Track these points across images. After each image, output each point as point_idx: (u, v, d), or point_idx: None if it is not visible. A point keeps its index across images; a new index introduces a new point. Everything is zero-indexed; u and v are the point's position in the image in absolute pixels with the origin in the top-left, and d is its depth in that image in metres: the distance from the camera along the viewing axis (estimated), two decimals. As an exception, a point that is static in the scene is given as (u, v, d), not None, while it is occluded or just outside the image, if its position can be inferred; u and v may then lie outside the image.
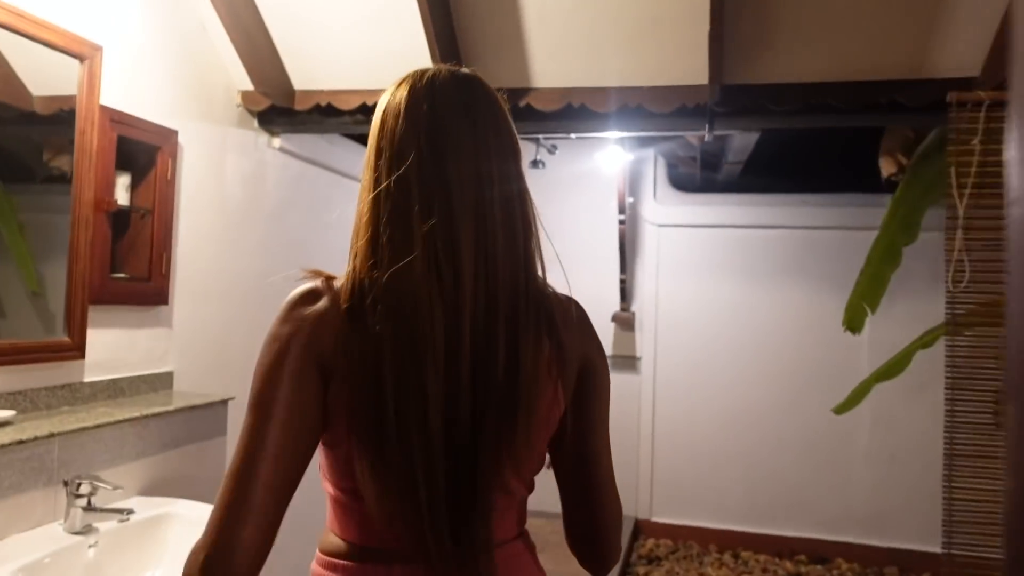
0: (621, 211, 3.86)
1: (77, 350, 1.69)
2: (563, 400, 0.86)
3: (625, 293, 4.03)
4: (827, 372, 3.86)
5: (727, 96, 2.16)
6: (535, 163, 3.77)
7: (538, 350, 0.82)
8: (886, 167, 3.37)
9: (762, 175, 3.92)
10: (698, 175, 3.95)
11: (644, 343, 4.08)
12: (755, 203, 3.95)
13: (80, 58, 1.67)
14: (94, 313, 1.74)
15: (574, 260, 2.84)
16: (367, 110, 2.26)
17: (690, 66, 2.14)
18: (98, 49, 1.70)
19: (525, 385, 0.79)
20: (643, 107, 2.27)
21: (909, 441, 3.75)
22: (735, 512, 3.95)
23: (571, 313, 0.92)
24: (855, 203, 3.82)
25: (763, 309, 3.94)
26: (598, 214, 4.21)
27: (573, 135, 2.94)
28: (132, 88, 1.85)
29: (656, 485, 4.04)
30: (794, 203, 3.90)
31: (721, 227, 3.99)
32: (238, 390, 1.90)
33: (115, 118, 1.77)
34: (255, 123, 2.36)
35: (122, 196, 1.84)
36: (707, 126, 2.27)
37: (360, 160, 0.89)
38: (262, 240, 2.43)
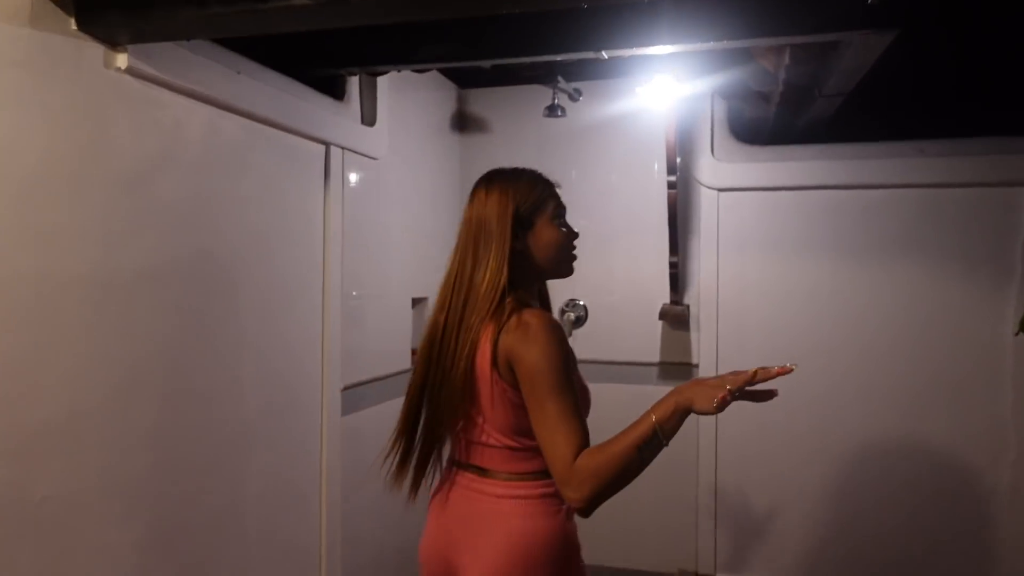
0: (671, 171, 2.86)
1: None
2: (501, 381, 1.31)
3: (677, 281, 3.04)
4: (956, 387, 2.84)
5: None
6: (552, 109, 2.78)
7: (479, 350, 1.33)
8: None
9: (862, 115, 2.88)
10: (771, 118, 2.92)
11: (703, 346, 3.09)
12: (852, 155, 2.91)
13: None
14: None
15: (606, 239, 1.60)
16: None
17: None
18: None
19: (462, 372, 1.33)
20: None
21: (1074, 475, 2.73)
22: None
23: (513, 322, 1.29)
24: (997, 149, 2.77)
25: (864, 300, 2.92)
26: (638, 177, 3.21)
27: (604, 54, 1.97)
28: None
29: (722, 536, 3.08)
30: (907, 153, 2.86)
31: (805, 189, 2.97)
32: None
33: None
34: (72, 24, 1.43)
35: None
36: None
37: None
38: (105, 222, 1.50)
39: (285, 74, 2.11)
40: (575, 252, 1.50)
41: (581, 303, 3.28)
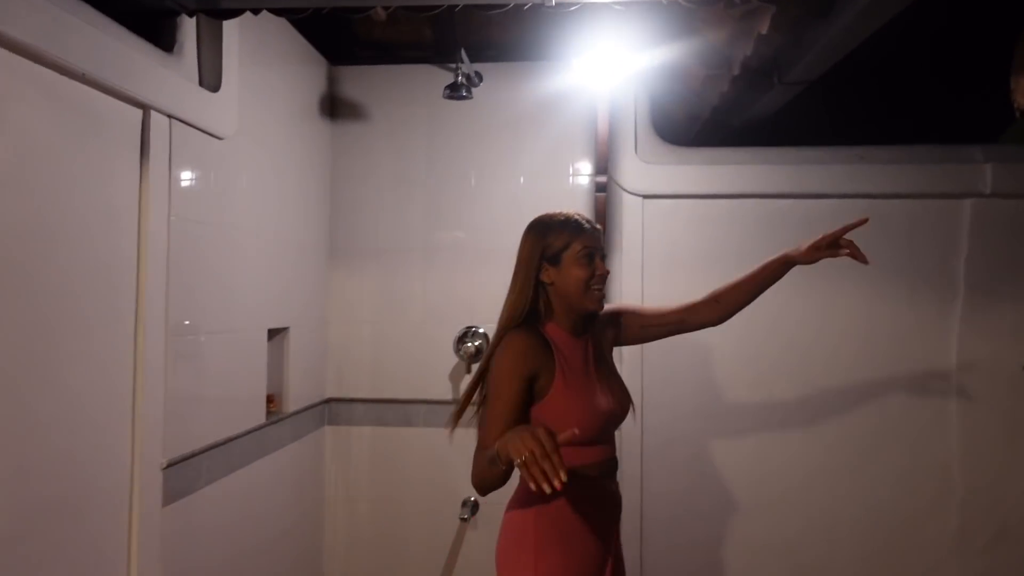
0: (601, 171, 2.37)
1: None
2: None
3: (599, 303, 2.55)
4: (902, 421, 2.56)
5: None
6: (456, 89, 2.22)
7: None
8: (1033, 90, 2.06)
9: (802, 117, 2.56)
10: (701, 116, 2.52)
11: (628, 378, 2.60)
12: (791, 159, 2.57)
13: None
14: None
15: (513, 255, 1.65)
16: None
17: None
18: None
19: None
20: None
21: (1019, 511, 2.52)
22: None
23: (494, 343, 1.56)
24: (939, 157, 2.53)
25: (802, 322, 2.58)
26: (553, 179, 2.70)
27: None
28: None
29: (656, 603, 2.59)
30: (848, 159, 2.56)
31: (742, 197, 2.59)
32: None
33: None
34: None
35: None
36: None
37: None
38: None
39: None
40: (598, 289, 1.59)
41: (481, 331, 2.71)
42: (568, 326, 1.60)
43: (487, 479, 1.41)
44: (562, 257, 1.56)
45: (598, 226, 1.63)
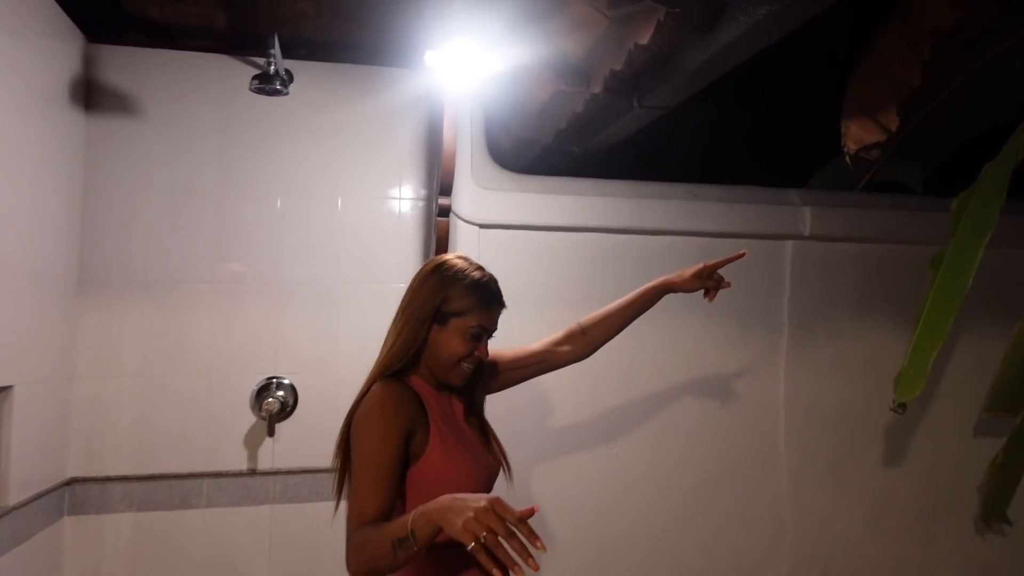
0: (445, 191, 2.04)
1: None
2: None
3: (433, 346, 2.19)
4: (736, 457, 2.51)
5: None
6: (268, 80, 1.80)
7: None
8: (860, 134, 2.13)
9: (639, 148, 2.47)
10: (541, 140, 2.32)
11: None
12: (630, 193, 2.45)
13: None
14: None
15: (327, 291, 1.67)
16: None
17: None
18: None
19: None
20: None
21: (841, 550, 2.56)
22: None
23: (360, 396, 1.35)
24: (765, 199, 2.57)
25: (648, 367, 2.45)
26: (376, 201, 2.32)
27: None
28: None
29: None
30: (682, 195, 2.50)
31: (584, 231, 2.41)
32: None
33: None
34: None
35: None
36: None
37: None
38: None
39: None
40: (468, 367, 1.42)
41: (287, 382, 2.21)
42: (432, 380, 1.43)
43: (385, 565, 1.13)
44: (451, 321, 1.37)
45: (504, 303, 1.45)
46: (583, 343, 1.65)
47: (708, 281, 1.70)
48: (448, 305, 1.36)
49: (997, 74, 2.49)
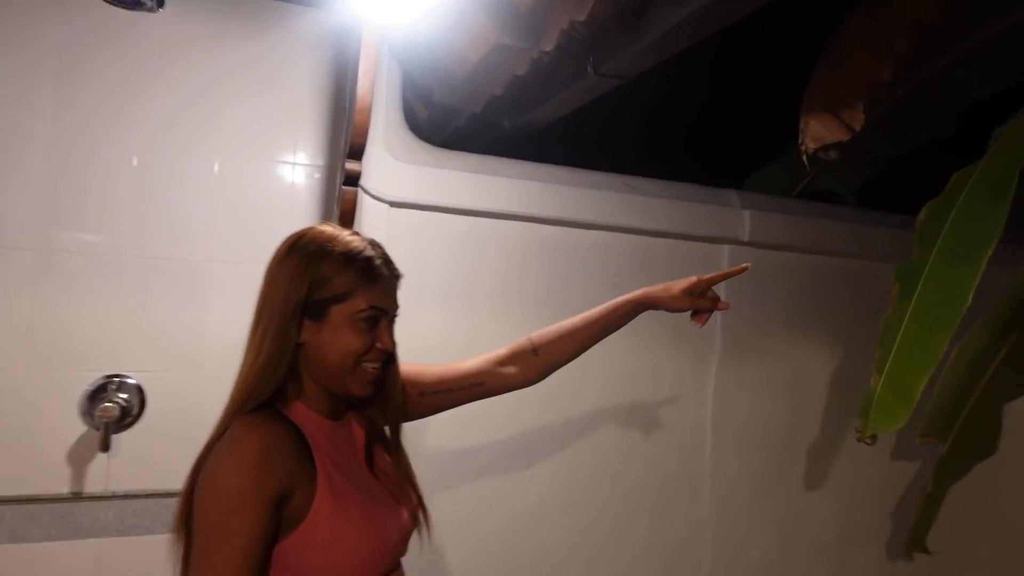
0: (355, 154, 1.66)
1: None
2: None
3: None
4: (660, 479, 2.28)
5: None
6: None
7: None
8: (821, 131, 1.94)
9: (573, 134, 2.18)
10: (478, 107, 1.99)
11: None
12: (565, 180, 2.16)
13: None
14: None
15: (190, 271, 1.24)
16: None
17: None
18: None
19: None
20: None
21: (759, 576, 2.39)
22: None
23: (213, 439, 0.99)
24: (704, 198, 2.35)
25: (577, 382, 2.15)
26: (258, 164, 1.90)
27: None
28: None
29: None
30: (618, 187, 2.24)
31: (510, 219, 2.09)
32: None
33: None
34: None
35: None
36: None
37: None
38: None
39: None
40: (373, 368, 1.06)
41: (131, 382, 1.75)
42: (325, 404, 1.07)
43: None
44: (331, 311, 1.02)
45: (398, 270, 1.12)
46: (534, 365, 1.31)
47: (700, 300, 1.39)
48: (320, 291, 1.01)
49: (934, 89, 2.41)
